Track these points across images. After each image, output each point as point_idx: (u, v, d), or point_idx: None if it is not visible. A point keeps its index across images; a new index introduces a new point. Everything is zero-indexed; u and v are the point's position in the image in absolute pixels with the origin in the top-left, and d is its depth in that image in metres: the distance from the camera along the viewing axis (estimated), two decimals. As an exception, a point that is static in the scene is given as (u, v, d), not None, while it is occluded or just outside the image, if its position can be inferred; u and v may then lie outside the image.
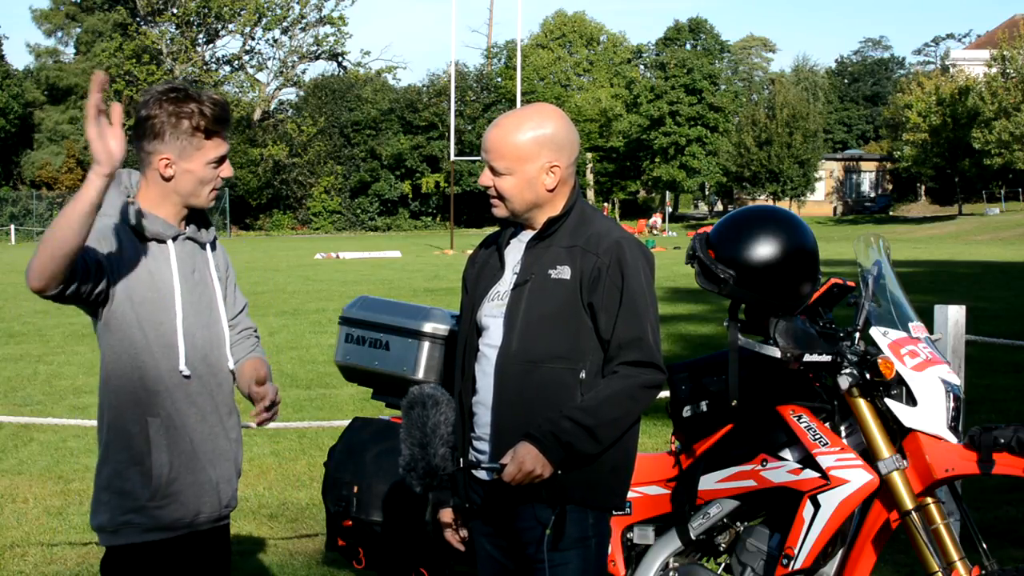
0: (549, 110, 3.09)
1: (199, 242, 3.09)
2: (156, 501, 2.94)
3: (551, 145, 3.02)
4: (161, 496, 2.95)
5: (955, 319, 5.52)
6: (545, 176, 3.02)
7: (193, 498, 3.00)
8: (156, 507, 2.95)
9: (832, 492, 3.34)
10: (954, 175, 58.64)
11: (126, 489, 2.94)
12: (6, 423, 8.71)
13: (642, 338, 2.96)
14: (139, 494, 2.94)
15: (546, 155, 3.01)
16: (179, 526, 2.99)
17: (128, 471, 2.95)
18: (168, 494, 2.96)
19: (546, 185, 3.03)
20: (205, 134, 2.94)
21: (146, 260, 2.95)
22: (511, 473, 2.87)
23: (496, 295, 3.08)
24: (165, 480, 2.95)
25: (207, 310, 3.06)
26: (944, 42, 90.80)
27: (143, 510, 2.94)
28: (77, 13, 70.62)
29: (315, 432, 8.40)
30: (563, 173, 3.04)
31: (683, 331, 14.03)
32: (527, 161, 3.01)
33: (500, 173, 3.03)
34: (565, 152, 3.04)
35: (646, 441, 7.96)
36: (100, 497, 2.99)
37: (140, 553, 2.96)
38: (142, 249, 2.95)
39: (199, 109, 2.92)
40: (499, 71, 71.42)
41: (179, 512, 2.98)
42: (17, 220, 58.77)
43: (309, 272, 27.81)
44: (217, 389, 3.07)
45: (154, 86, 3.06)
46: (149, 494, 2.94)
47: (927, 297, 14.98)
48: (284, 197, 66.59)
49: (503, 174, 3.02)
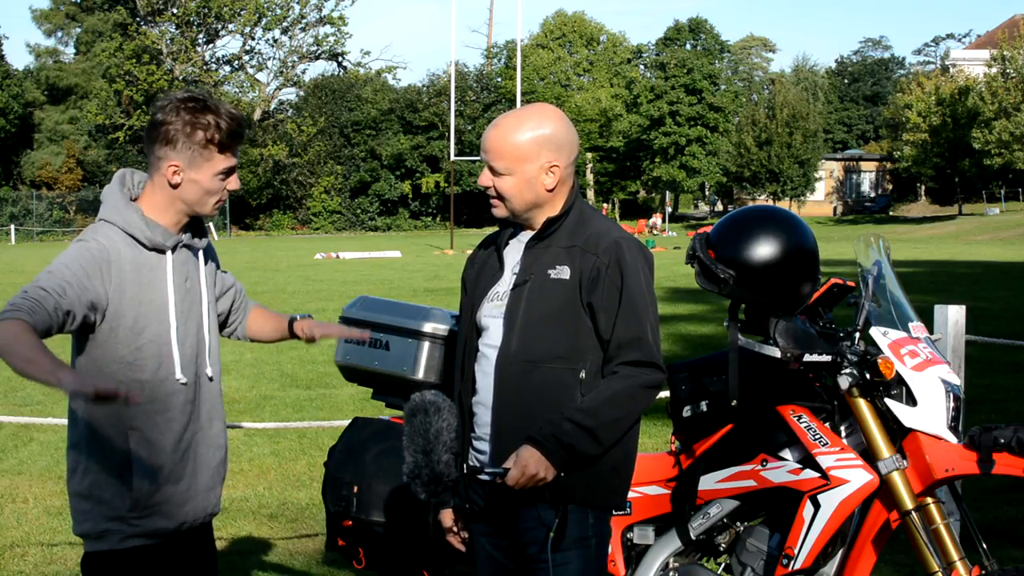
0: (548, 110, 3.09)
1: (193, 249, 3.08)
2: (137, 512, 2.93)
3: (550, 145, 3.02)
4: (142, 507, 2.93)
5: (955, 319, 5.52)
6: (545, 176, 3.03)
7: (175, 508, 2.99)
8: (136, 517, 2.93)
9: (832, 492, 3.34)
10: (954, 175, 58.62)
11: (105, 499, 2.93)
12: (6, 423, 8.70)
13: (642, 338, 2.96)
14: (119, 505, 2.92)
15: (545, 155, 3.02)
16: (161, 534, 2.98)
17: (108, 481, 2.92)
18: (149, 505, 2.94)
19: (546, 185, 3.03)
20: (218, 147, 2.92)
21: (142, 271, 2.93)
22: (514, 477, 2.87)
23: (495, 295, 3.08)
24: (146, 492, 2.93)
25: (195, 318, 3.06)
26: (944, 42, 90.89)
27: (124, 519, 2.93)
28: (77, 13, 70.64)
29: (315, 432, 8.40)
30: (562, 173, 3.05)
31: (683, 331, 14.03)
32: (527, 161, 3.01)
33: (500, 173, 3.03)
34: (564, 152, 3.04)
35: (646, 441, 7.96)
36: (80, 506, 2.97)
37: (122, 558, 2.95)
38: (140, 259, 2.94)
39: (215, 122, 2.90)
40: (499, 71, 71.42)
41: (161, 523, 2.97)
42: (17, 220, 58.78)
43: (309, 272, 27.81)
44: (201, 397, 3.05)
45: (172, 92, 3.07)
46: (130, 504, 2.92)
47: (927, 297, 14.98)
48: (284, 197, 66.58)
49: (503, 174, 3.02)
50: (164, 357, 2.95)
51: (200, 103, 2.93)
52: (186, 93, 2.98)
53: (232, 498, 6.75)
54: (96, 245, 2.89)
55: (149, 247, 2.95)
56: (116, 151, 63.24)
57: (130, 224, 2.93)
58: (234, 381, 11.12)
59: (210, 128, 2.90)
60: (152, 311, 2.94)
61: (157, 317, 2.95)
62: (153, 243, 2.95)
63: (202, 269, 3.11)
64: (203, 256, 3.12)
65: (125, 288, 2.90)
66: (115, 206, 2.96)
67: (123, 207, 2.96)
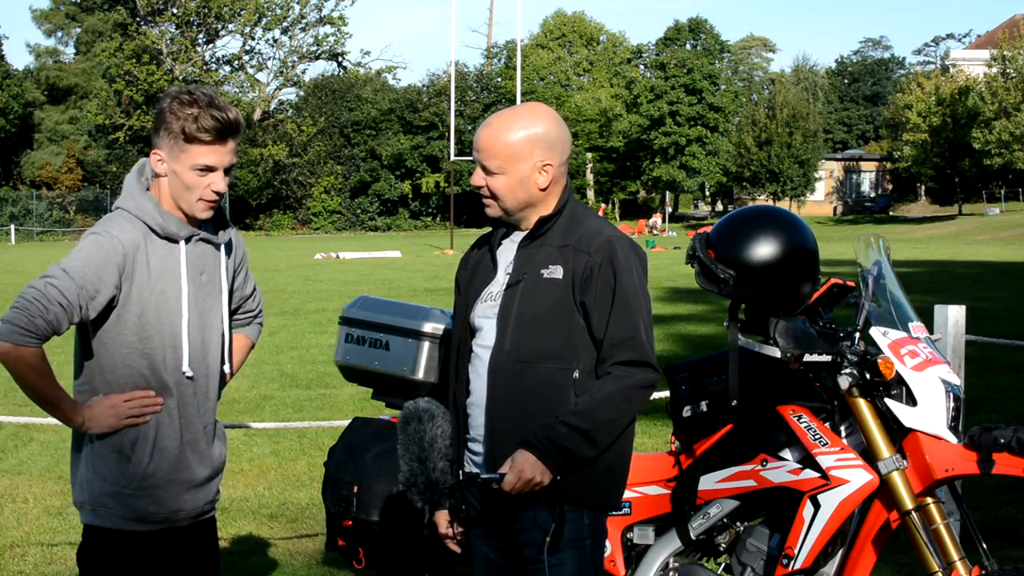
0: (540, 109, 3.09)
1: (214, 243, 3.10)
2: (130, 490, 2.97)
3: (543, 144, 3.02)
4: (136, 487, 2.97)
5: (955, 319, 5.52)
6: (538, 175, 3.02)
7: (171, 496, 3.02)
8: (130, 495, 2.97)
9: (832, 492, 3.34)
10: (954, 175, 58.61)
11: (104, 473, 2.98)
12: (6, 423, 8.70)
13: (635, 337, 2.95)
14: (114, 479, 2.97)
15: (538, 154, 3.02)
16: (154, 520, 3.01)
17: (108, 457, 2.98)
18: (143, 486, 2.98)
19: (539, 184, 3.03)
20: (188, 139, 2.94)
21: (153, 260, 2.97)
22: (511, 482, 2.87)
23: (489, 296, 3.08)
24: (142, 472, 2.97)
25: (211, 313, 3.08)
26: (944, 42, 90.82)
27: (117, 496, 2.97)
28: (77, 13, 70.63)
29: (315, 432, 8.40)
30: (555, 172, 3.04)
31: (683, 331, 14.03)
32: (519, 160, 3.01)
33: (492, 172, 3.03)
34: (557, 151, 3.04)
35: (646, 441, 7.95)
36: (82, 475, 3.02)
37: (117, 540, 2.99)
38: (152, 248, 2.97)
39: (194, 114, 2.93)
40: (499, 71, 71.41)
41: (153, 507, 3.00)
42: (17, 220, 58.77)
43: (309, 272, 27.82)
44: (210, 391, 3.11)
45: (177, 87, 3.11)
46: (125, 481, 2.97)
47: (927, 297, 14.98)
48: (284, 197, 66.58)
49: (495, 173, 3.02)
50: (173, 348, 2.99)
51: (189, 96, 2.97)
52: (187, 87, 3.03)
53: (232, 498, 6.75)
54: (108, 240, 2.92)
55: (162, 235, 2.98)
56: (116, 151, 63.20)
57: (143, 212, 2.97)
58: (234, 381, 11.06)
59: (188, 120, 2.93)
60: (163, 301, 2.98)
61: (168, 307, 2.98)
62: (166, 231, 2.99)
63: (223, 264, 3.13)
64: (224, 250, 3.14)
65: (136, 277, 2.94)
66: (131, 193, 3.02)
67: (138, 195, 3.01)
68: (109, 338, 2.95)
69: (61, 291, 2.83)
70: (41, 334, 2.82)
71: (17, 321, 2.79)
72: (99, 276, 2.88)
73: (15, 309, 2.81)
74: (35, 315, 2.80)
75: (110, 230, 2.94)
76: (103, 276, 2.89)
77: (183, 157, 2.96)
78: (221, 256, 3.13)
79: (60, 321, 2.84)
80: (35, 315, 2.80)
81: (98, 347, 2.97)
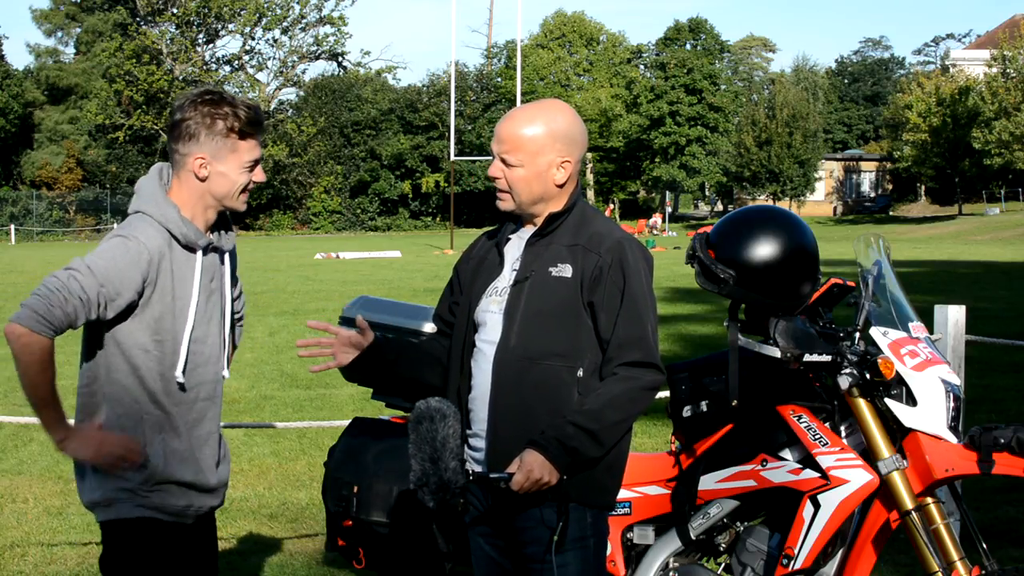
0: (562, 105, 3.12)
1: (221, 251, 3.12)
2: (147, 487, 2.99)
3: (564, 140, 3.04)
4: (152, 484, 2.99)
5: (955, 319, 5.52)
6: (556, 171, 3.04)
7: (182, 495, 3.05)
8: (147, 491, 2.99)
9: (832, 492, 3.34)
10: (954, 175, 58.60)
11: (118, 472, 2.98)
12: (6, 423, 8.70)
13: (643, 338, 2.96)
14: (131, 478, 2.98)
15: (559, 149, 3.03)
16: (168, 511, 3.03)
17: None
18: (158, 482, 3.00)
19: (556, 180, 3.04)
20: (239, 135, 2.97)
21: (174, 268, 2.98)
22: (519, 482, 2.87)
23: (495, 291, 3.08)
24: (159, 474, 2.99)
25: (215, 318, 3.11)
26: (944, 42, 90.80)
27: (133, 492, 2.99)
28: (77, 13, 70.63)
29: (315, 432, 8.40)
30: (573, 169, 3.07)
31: (683, 331, 14.03)
32: (540, 154, 3.02)
33: (512, 165, 3.04)
34: (576, 148, 3.06)
35: (646, 441, 7.96)
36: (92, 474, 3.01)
37: (135, 528, 3.00)
38: (173, 255, 2.98)
39: (233, 111, 2.95)
40: (499, 71, 71.39)
41: (168, 501, 3.03)
42: (17, 220, 58.79)
43: (309, 272, 27.80)
44: (215, 396, 3.13)
45: (188, 91, 3.11)
46: (141, 479, 2.98)
47: (927, 297, 14.98)
48: (284, 197, 66.57)
49: (514, 166, 3.03)
50: (186, 352, 3.01)
51: (216, 95, 2.98)
52: (201, 89, 3.03)
53: (232, 498, 6.75)
54: (136, 244, 2.92)
55: (183, 243, 2.99)
56: (116, 151, 63.22)
57: (168, 219, 2.97)
58: (234, 381, 11.11)
59: (229, 117, 2.95)
60: (178, 308, 2.99)
61: (182, 314, 3.00)
62: (187, 240, 2.99)
63: (226, 271, 3.16)
64: (228, 256, 3.17)
65: (157, 283, 2.95)
66: (154, 199, 2.99)
67: (162, 201, 3.00)
68: (123, 338, 2.96)
69: (83, 286, 2.83)
70: (57, 325, 2.81)
71: (37, 308, 2.78)
72: (122, 279, 2.88)
73: (36, 296, 2.81)
74: (55, 304, 2.79)
75: (137, 235, 2.94)
76: (126, 280, 2.89)
77: (232, 157, 2.97)
78: (226, 262, 3.15)
79: (78, 315, 2.83)
80: (55, 304, 2.79)
81: (110, 345, 2.97)
